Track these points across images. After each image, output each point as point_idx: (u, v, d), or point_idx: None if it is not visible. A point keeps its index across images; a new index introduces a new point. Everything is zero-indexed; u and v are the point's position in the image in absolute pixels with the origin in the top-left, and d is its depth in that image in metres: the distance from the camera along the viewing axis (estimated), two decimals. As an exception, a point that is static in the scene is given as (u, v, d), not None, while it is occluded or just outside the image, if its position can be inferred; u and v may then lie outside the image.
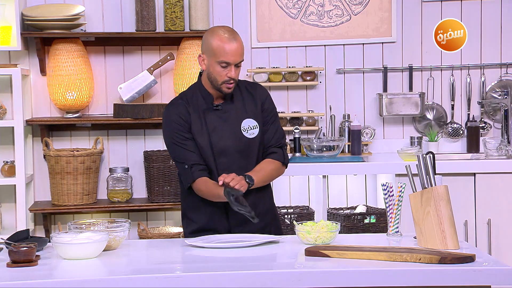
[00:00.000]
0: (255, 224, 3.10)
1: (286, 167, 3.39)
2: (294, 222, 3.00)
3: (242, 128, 3.25)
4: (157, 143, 4.85)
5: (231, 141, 3.23)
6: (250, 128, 3.27)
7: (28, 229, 3.04)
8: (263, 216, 3.24)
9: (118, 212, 4.75)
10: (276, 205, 4.88)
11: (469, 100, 5.05)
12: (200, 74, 3.31)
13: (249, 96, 3.31)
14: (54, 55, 4.63)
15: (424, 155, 2.90)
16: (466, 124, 5.03)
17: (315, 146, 4.70)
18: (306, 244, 2.91)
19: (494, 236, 4.54)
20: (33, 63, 4.74)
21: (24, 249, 2.64)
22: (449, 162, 4.58)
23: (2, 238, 2.86)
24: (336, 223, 2.96)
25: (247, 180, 3.15)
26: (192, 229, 3.31)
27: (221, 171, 3.20)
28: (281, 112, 4.94)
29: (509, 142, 4.89)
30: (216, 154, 3.22)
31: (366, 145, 4.98)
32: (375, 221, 4.63)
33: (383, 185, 3.07)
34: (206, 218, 3.27)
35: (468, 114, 5.06)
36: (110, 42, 4.80)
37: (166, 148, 4.80)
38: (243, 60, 3.21)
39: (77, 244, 2.71)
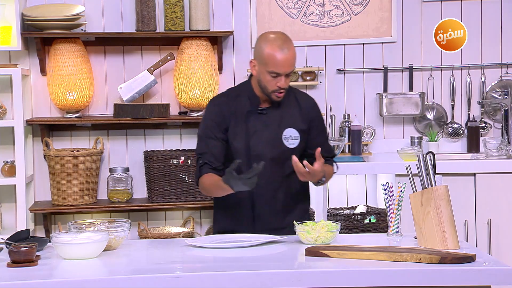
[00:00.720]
0: (280, 229, 3.09)
1: None
2: (294, 222, 2.99)
3: (283, 136, 3.22)
4: (157, 143, 4.85)
5: (269, 147, 3.20)
6: (291, 138, 3.23)
7: (28, 229, 3.03)
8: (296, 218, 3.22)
9: (118, 212, 4.75)
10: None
11: (469, 100, 5.05)
12: (251, 74, 3.27)
13: (297, 106, 3.27)
14: (54, 55, 4.63)
15: (424, 155, 2.90)
16: (466, 124, 5.03)
17: (315, 146, 4.69)
18: (306, 244, 2.91)
19: (494, 236, 4.54)
20: (33, 63, 4.74)
21: (24, 249, 2.64)
22: (449, 162, 4.58)
23: (2, 238, 2.86)
24: (336, 223, 2.96)
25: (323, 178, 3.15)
26: (218, 229, 3.32)
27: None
28: (281, 112, 4.94)
29: (509, 142, 4.89)
30: (252, 158, 3.18)
31: (366, 145, 4.98)
32: (375, 221, 4.63)
33: (383, 185, 3.07)
34: (233, 221, 3.26)
35: (468, 114, 5.06)
36: (110, 42, 4.80)
37: (166, 148, 4.85)
38: (293, 70, 3.17)
39: (77, 244, 2.71)
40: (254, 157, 3.19)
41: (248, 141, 3.20)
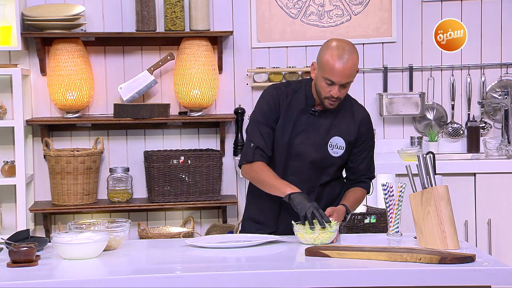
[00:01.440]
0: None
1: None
2: (293, 222, 2.99)
3: (329, 143, 3.18)
4: (157, 143, 4.85)
5: (311, 149, 3.16)
6: (336, 146, 3.19)
7: (28, 229, 3.03)
8: None
9: (118, 212, 4.75)
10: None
11: (469, 100, 5.05)
12: None
13: (351, 116, 3.22)
14: (54, 55, 4.63)
15: (424, 155, 2.90)
16: (466, 124, 5.03)
17: (315, 146, 4.69)
18: (305, 244, 2.91)
19: (494, 236, 4.54)
20: (33, 63, 4.74)
21: (24, 249, 2.64)
22: (449, 162, 4.58)
23: (2, 238, 2.86)
24: (336, 223, 2.96)
25: (346, 215, 3.13)
26: (246, 216, 3.32)
27: (289, 173, 3.15)
28: (281, 112, 4.94)
29: (509, 142, 4.89)
30: (292, 156, 3.16)
31: (366, 145, 4.97)
32: (375, 221, 4.63)
33: (383, 185, 3.07)
34: (260, 212, 3.24)
35: (468, 114, 5.06)
36: (110, 42, 4.80)
37: (166, 148, 4.84)
38: (351, 81, 3.08)
39: (77, 244, 2.71)
40: (294, 156, 3.17)
41: (292, 138, 3.16)
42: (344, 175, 3.35)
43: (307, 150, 3.17)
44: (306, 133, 3.17)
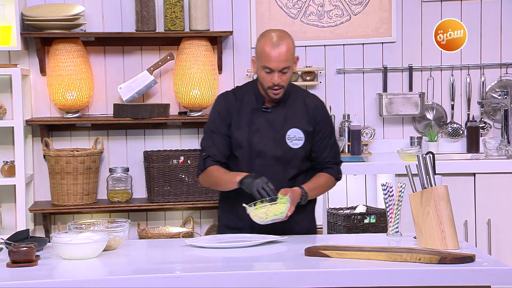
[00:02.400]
0: (279, 229, 3.09)
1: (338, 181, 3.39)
2: (244, 204, 3.01)
3: (287, 136, 3.21)
4: (157, 143, 4.85)
5: (270, 145, 3.20)
6: (295, 138, 3.22)
7: (28, 229, 3.04)
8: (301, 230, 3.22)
9: (118, 212, 4.75)
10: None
11: (469, 100, 5.05)
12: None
13: (303, 106, 3.26)
14: (54, 55, 4.63)
15: (424, 155, 2.90)
16: (466, 124, 5.03)
17: (315, 146, 4.69)
18: (260, 222, 2.95)
19: (494, 236, 4.54)
20: (33, 63, 4.74)
21: (24, 249, 2.64)
22: (449, 162, 4.58)
23: (2, 238, 2.86)
24: (287, 197, 2.98)
25: (302, 197, 3.15)
26: (223, 225, 3.34)
27: (255, 172, 3.16)
28: (281, 112, 4.94)
29: (509, 142, 4.89)
30: (253, 155, 3.20)
31: (366, 145, 4.98)
32: (375, 221, 4.63)
33: (383, 185, 3.07)
34: (236, 218, 3.24)
35: (468, 114, 5.06)
36: (110, 42, 4.80)
37: (165, 148, 4.84)
38: (289, 66, 3.13)
39: (77, 244, 2.71)
40: (255, 154, 3.21)
41: (250, 138, 3.21)
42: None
43: (267, 146, 3.21)
44: (262, 131, 3.21)
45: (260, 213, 2.95)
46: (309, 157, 3.29)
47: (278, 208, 2.96)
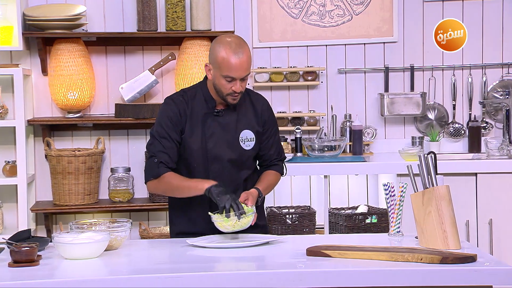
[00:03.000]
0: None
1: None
2: (210, 213, 3.01)
3: (240, 138, 3.21)
4: (158, 143, 4.85)
5: (226, 149, 3.18)
6: (247, 139, 3.22)
7: (30, 229, 3.03)
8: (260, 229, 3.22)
9: (120, 212, 4.76)
10: (278, 205, 4.91)
11: (470, 100, 5.05)
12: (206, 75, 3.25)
13: (251, 107, 3.26)
14: (55, 55, 4.63)
15: (425, 155, 2.90)
16: (467, 124, 5.03)
17: (317, 146, 4.69)
18: (225, 231, 2.97)
19: (496, 236, 4.53)
20: (34, 63, 4.75)
21: (26, 249, 2.64)
22: (450, 162, 4.58)
23: (3, 238, 2.86)
24: (252, 208, 3.00)
25: (258, 197, 3.15)
26: (176, 232, 3.28)
27: (212, 178, 3.15)
28: (283, 112, 4.94)
29: (510, 142, 4.88)
30: (209, 160, 3.18)
31: (368, 145, 4.98)
32: (377, 221, 4.63)
33: (384, 185, 3.07)
34: (190, 223, 3.23)
35: (470, 114, 5.06)
36: (111, 42, 4.80)
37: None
38: (249, 73, 3.13)
39: (79, 244, 2.71)
40: (212, 159, 3.18)
41: (205, 143, 3.17)
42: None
43: (222, 150, 3.18)
44: (216, 135, 3.18)
45: (228, 225, 2.97)
46: (256, 156, 3.30)
47: (244, 222, 2.98)
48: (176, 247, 3.01)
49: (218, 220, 2.97)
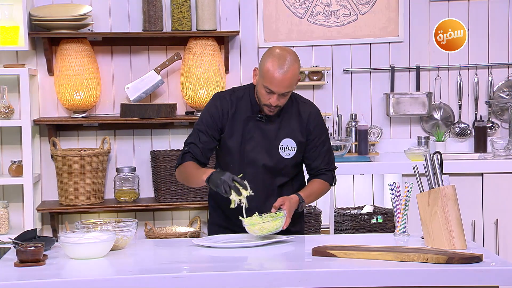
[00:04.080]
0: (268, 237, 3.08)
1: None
2: (240, 217, 3.00)
3: (280, 146, 3.19)
4: (164, 142, 4.86)
5: (263, 155, 3.18)
6: (288, 148, 3.20)
7: (36, 229, 3.04)
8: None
9: (125, 211, 4.76)
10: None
11: (476, 100, 5.04)
12: None
13: (297, 116, 3.22)
14: (61, 55, 4.64)
15: (431, 155, 2.89)
16: (473, 124, 5.02)
17: (322, 146, 4.68)
18: (256, 236, 2.95)
19: (502, 236, 4.53)
20: (40, 63, 4.75)
21: (32, 249, 2.65)
22: (456, 162, 4.58)
23: (10, 238, 2.87)
24: (282, 212, 2.98)
25: (299, 205, 3.13)
26: (211, 221, 3.32)
27: (246, 181, 3.13)
28: (288, 112, 4.94)
29: (516, 142, 4.87)
30: (245, 164, 3.18)
31: (373, 145, 4.97)
32: (382, 221, 4.63)
33: (390, 185, 3.06)
34: (226, 220, 3.24)
35: (476, 114, 5.05)
36: (117, 42, 4.80)
37: (173, 148, 4.85)
38: (290, 91, 3.09)
39: (85, 243, 2.72)
40: (247, 162, 3.18)
41: (243, 146, 3.18)
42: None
43: (259, 155, 3.18)
44: (255, 140, 3.18)
45: (256, 229, 2.96)
46: (299, 164, 3.28)
47: (273, 225, 2.96)
48: (181, 247, 3.02)
49: (247, 225, 2.96)
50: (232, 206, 2.98)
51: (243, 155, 3.19)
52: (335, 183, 3.34)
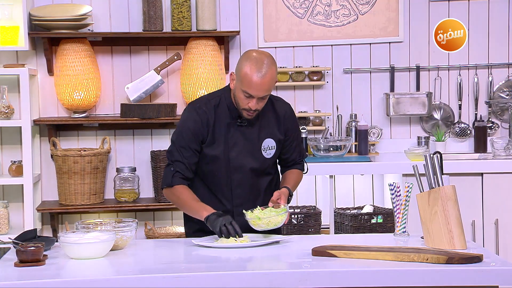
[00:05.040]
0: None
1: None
2: (244, 211, 3.03)
3: (262, 147, 3.20)
4: (164, 142, 4.86)
5: (248, 159, 3.19)
6: (269, 148, 3.22)
7: (36, 229, 3.04)
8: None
9: (125, 211, 4.76)
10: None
11: (476, 100, 5.04)
12: None
13: (274, 115, 3.24)
14: (61, 55, 4.64)
15: (431, 155, 2.89)
16: (473, 124, 5.02)
17: (322, 146, 4.69)
18: (258, 229, 2.99)
19: (502, 236, 4.53)
20: (40, 63, 4.75)
21: (32, 249, 2.65)
22: (456, 162, 4.57)
23: (10, 238, 2.87)
24: (285, 206, 3.03)
25: (289, 197, 3.18)
26: (194, 229, 3.28)
27: (234, 187, 3.18)
28: (288, 112, 4.94)
29: (516, 142, 4.87)
30: (232, 170, 3.18)
31: (373, 145, 4.97)
32: (382, 221, 4.63)
33: (390, 185, 3.06)
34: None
35: (476, 114, 5.05)
36: (117, 42, 4.80)
37: (173, 148, 4.82)
38: (269, 94, 3.10)
39: (85, 243, 2.72)
40: (234, 168, 3.18)
41: (227, 153, 3.17)
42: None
43: (245, 160, 3.19)
44: (239, 145, 3.18)
45: (262, 223, 2.98)
46: (275, 161, 3.32)
47: (278, 220, 2.99)
48: (181, 247, 3.02)
49: (251, 218, 3.00)
50: (253, 216, 3.02)
51: (228, 161, 3.18)
52: (307, 171, 3.40)
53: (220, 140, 3.17)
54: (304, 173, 3.40)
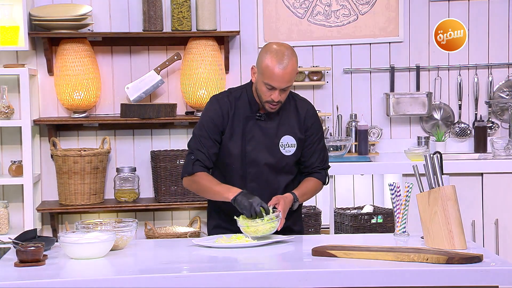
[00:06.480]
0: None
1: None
2: (235, 217, 3.02)
3: (280, 144, 3.20)
4: (164, 142, 4.86)
5: (265, 154, 3.19)
6: (288, 145, 3.21)
7: (36, 229, 3.04)
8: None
9: (125, 211, 4.76)
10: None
11: (476, 100, 5.04)
12: None
13: (295, 113, 3.23)
14: (61, 55, 4.64)
15: (431, 155, 2.89)
16: (473, 124, 5.02)
17: (322, 146, 4.69)
18: (251, 237, 2.96)
19: (502, 236, 4.53)
20: (40, 63, 4.76)
21: (32, 249, 2.65)
22: (456, 162, 4.58)
23: (10, 238, 2.87)
24: (276, 215, 2.98)
25: (294, 203, 3.15)
26: (212, 225, 3.31)
27: (249, 180, 3.18)
28: (288, 112, 4.94)
29: (516, 142, 4.87)
30: (247, 164, 3.18)
31: (373, 145, 4.97)
32: (382, 221, 4.63)
33: (390, 185, 3.06)
34: (227, 219, 3.22)
35: (476, 114, 5.05)
36: (117, 42, 4.80)
37: (172, 148, 4.85)
38: (291, 85, 3.11)
39: (85, 243, 2.72)
40: (249, 162, 3.19)
41: (244, 146, 3.18)
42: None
43: (261, 154, 3.19)
44: (256, 139, 3.18)
45: (251, 231, 2.97)
46: (298, 162, 3.28)
47: (268, 227, 2.96)
48: (181, 247, 3.02)
49: (242, 225, 2.98)
50: (243, 223, 2.99)
51: (244, 155, 3.19)
52: (328, 182, 3.35)
53: (238, 133, 3.18)
54: (324, 185, 3.32)
